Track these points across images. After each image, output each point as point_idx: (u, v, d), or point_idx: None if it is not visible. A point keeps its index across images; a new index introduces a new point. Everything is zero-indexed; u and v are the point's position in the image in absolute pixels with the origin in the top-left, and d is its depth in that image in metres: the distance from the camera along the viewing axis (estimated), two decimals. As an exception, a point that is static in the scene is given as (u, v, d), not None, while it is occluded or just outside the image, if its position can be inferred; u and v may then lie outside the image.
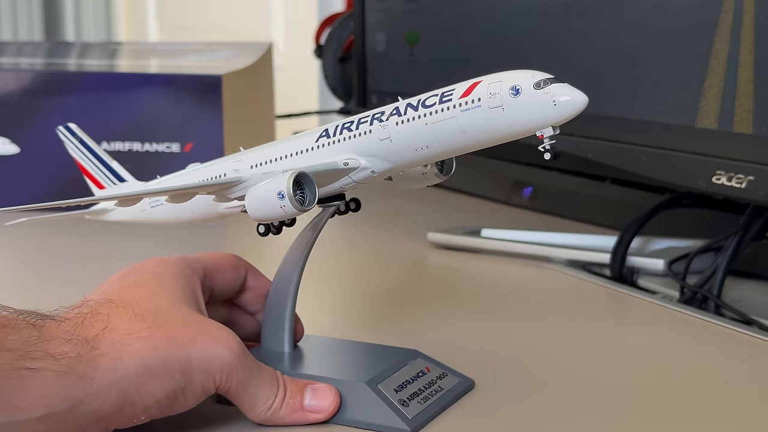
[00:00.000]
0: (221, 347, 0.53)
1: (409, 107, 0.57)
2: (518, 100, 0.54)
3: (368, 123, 0.58)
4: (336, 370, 0.61)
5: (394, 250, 1.00)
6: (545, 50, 0.94)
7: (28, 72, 1.12)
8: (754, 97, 0.76)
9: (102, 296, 0.55)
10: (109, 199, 0.67)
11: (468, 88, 0.55)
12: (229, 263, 0.63)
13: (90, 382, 0.49)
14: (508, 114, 0.54)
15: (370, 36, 1.15)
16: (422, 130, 0.56)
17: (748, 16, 0.77)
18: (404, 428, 0.56)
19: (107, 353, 0.50)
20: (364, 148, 0.58)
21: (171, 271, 0.59)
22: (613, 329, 0.79)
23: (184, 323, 0.54)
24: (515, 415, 0.60)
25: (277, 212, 0.57)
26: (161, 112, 1.08)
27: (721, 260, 0.82)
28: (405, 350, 0.63)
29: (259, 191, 0.58)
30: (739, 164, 0.77)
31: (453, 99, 0.56)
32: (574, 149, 0.91)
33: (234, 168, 0.63)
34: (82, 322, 0.51)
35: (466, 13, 1.03)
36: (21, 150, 1.08)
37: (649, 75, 0.85)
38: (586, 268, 0.92)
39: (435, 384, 0.61)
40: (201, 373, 0.53)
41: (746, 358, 0.71)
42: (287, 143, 0.62)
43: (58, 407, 0.48)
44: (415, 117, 0.57)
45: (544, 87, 0.54)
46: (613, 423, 0.59)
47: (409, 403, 0.58)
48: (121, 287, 0.57)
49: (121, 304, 0.54)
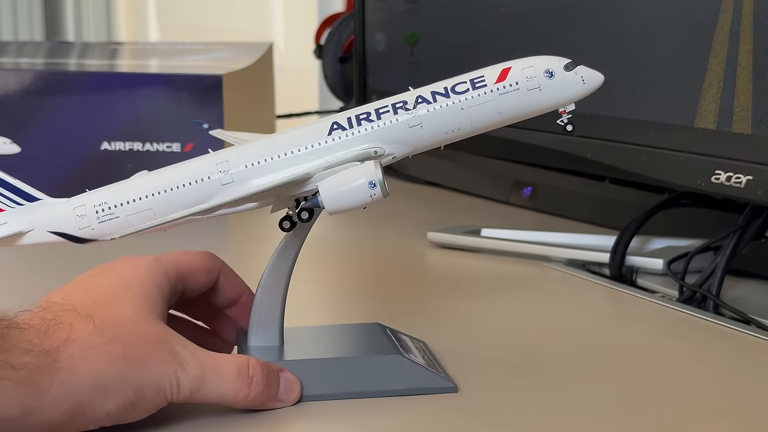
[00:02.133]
0: (170, 366, 0.55)
1: (437, 95, 0.61)
2: (553, 81, 0.63)
3: (391, 112, 0.61)
4: (355, 349, 0.64)
5: (394, 249, 1.00)
6: (544, 51, 0.94)
7: (29, 72, 1.12)
8: (753, 97, 0.76)
9: (66, 300, 0.56)
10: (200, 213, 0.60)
11: (501, 74, 0.62)
12: (203, 265, 0.63)
13: (45, 393, 0.51)
14: (544, 94, 0.63)
15: (370, 36, 1.15)
16: (458, 115, 0.61)
17: (747, 16, 0.77)
18: (451, 385, 0.62)
19: (65, 366, 0.52)
20: (390, 136, 0.61)
21: (140, 274, 0.59)
22: (612, 328, 0.80)
23: (140, 339, 0.55)
24: (515, 414, 0.60)
25: (366, 201, 0.59)
26: (162, 111, 1.09)
27: (720, 259, 0.82)
28: (371, 324, 0.67)
29: (341, 183, 0.59)
30: (737, 164, 0.77)
31: (488, 84, 0.62)
32: (573, 149, 0.91)
33: (220, 169, 0.61)
34: (45, 331, 0.53)
35: (466, 13, 1.03)
36: (21, 150, 1.09)
37: (648, 75, 0.85)
38: (586, 267, 0.92)
39: (425, 350, 0.66)
40: (152, 391, 0.54)
41: (745, 357, 0.71)
42: (288, 138, 0.62)
43: (12, 414, 0.50)
44: (449, 103, 0.61)
45: (573, 69, 0.64)
46: (612, 422, 0.59)
47: (435, 365, 0.63)
48: (86, 289, 0.58)
49: (83, 314, 0.55)
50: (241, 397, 0.57)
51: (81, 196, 0.62)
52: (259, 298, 0.63)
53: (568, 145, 0.91)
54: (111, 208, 0.61)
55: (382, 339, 0.65)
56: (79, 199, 0.62)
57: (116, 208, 0.61)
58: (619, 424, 0.59)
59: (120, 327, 0.55)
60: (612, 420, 0.59)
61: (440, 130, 0.62)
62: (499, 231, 1.00)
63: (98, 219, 0.61)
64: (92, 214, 0.61)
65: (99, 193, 0.62)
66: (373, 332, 0.66)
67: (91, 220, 0.61)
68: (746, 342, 0.73)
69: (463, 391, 0.62)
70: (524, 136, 0.96)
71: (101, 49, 1.58)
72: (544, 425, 0.59)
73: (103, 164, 1.08)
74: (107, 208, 0.61)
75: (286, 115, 1.56)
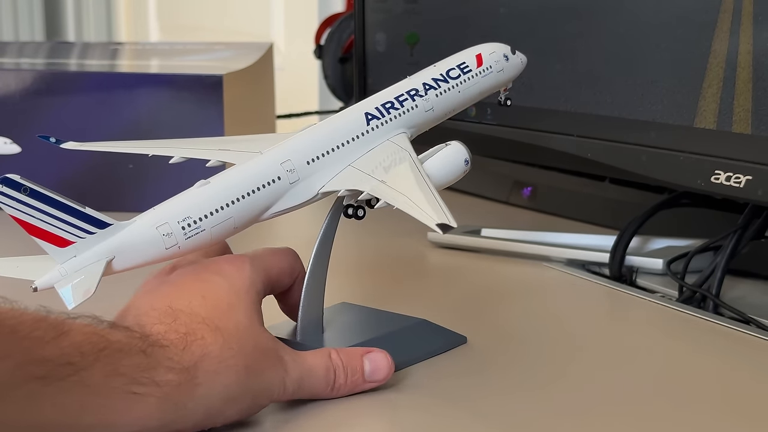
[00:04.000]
0: (280, 373, 0.58)
1: (439, 81, 0.69)
2: (508, 63, 0.73)
3: (410, 99, 0.68)
4: (381, 328, 0.68)
5: (394, 249, 1.00)
6: (544, 51, 0.94)
7: (29, 72, 1.12)
8: (752, 97, 0.77)
9: (191, 309, 0.56)
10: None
11: (477, 59, 0.72)
12: (289, 268, 0.64)
13: (184, 407, 0.53)
14: (504, 74, 0.73)
15: (370, 36, 1.15)
16: (456, 97, 0.70)
17: (746, 16, 0.77)
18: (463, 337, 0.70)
19: (202, 382, 0.54)
20: (411, 122, 0.68)
21: (245, 280, 0.60)
22: (612, 328, 0.80)
23: (256, 350, 0.57)
24: (514, 413, 0.60)
25: (459, 176, 0.65)
26: (162, 112, 1.09)
27: (719, 259, 0.82)
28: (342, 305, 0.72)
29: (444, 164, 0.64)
30: (737, 164, 0.78)
31: (472, 69, 0.71)
32: (573, 149, 0.91)
33: (287, 168, 0.62)
34: (184, 348, 0.54)
35: (466, 13, 1.03)
36: (22, 150, 1.09)
37: (648, 75, 0.85)
38: (586, 267, 0.92)
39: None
40: (264, 396, 0.57)
41: (745, 357, 0.71)
42: (328, 132, 0.64)
43: (152, 426, 0.52)
44: (449, 87, 0.70)
45: (515, 53, 0.74)
46: (612, 422, 0.59)
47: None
48: (203, 296, 0.57)
49: (212, 326, 0.56)
50: (329, 391, 0.60)
51: (151, 214, 0.58)
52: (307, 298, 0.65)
53: (568, 145, 0.92)
54: (196, 222, 0.58)
55: (384, 315, 0.69)
56: (153, 218, 0.58)
57: (201, 222, 0.58)
58: (618, 424, 0.59)
59: (242, 338, 0.56)
60: (612, 419, 0.59)
61: (444, 112, 0.70)
62: (499, 231, 1.00)
63: (185, 235, 0.58)
64: (179, 231, 0.58)
65: (174, 208, 0.59)
66: (360, 311, 0.71)
67: (178, 237, 0.58)
68: (746, 342, 0.73)
69: (462, 389, 0.63)
70: (524, 136, 0.96)
71: (101, 49, 1.58)
72: (543, 425, 0.59)
73: (103, 164, 1.08)
74: (192, 223, 0.58)
75: (286, 115, 1.56)
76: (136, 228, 0.57)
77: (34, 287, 0.55)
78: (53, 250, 0.55)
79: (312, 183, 0.63)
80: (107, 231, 0.56)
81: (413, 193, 0.60)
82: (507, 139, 0.98)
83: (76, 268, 0.55)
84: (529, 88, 0.95)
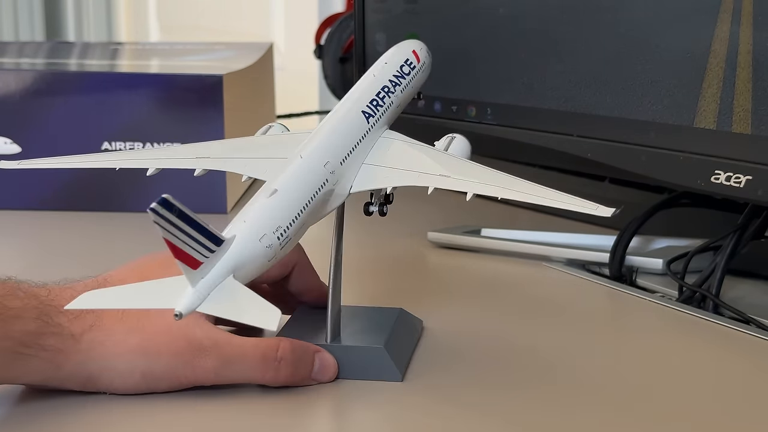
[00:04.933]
0: (185, 356, 0.60)
1: (398, 77, 0.72)
2: (430, 59, 0.77)
3: (387, 96, 0.70)
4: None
5: (394, 249, 1.00)
6: (544, 50, 0.94)
7: (29, 72, 1.12)
8: (752, 97, 0.77)
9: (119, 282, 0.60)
10: None
11: (414, 55, 0.75)
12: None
13: (63, 369, 0.59)
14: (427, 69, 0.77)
15: (370, 36, 1.15)
16: (408, 93, 0.73)
17: (746, 16, 0.77)
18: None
19: (84, 349, 0.59)
20: (389, 118, 0.70)
21: None
22: (611, 328, 0.80)
23: (159, 333, 0.60)
24: (514, 413, 0.60)
25: None
26: (162, 112, 1.09)
27: (719, 259, 0.82)
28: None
29: (465, 153, 0.69)
30: (737, 164, 0.78)
31: (416, 66, 0.74)
32: (573, 149, 0.91)
33: (330, 170, 0.62)
34: (77, 315, 0.60)
35: (465, 13, 1.03)
36: (22, 150, 1.09)
37: (648, 75, 0.85)
38: (586, 267, 0.93)
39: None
40: (164, 376, 0.60)
41: (745, 357, 0.71)
42: (341, 132, 0.65)
43: (35, 380, 0.60)
44: (407, 83, 0.72)
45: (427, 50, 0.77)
46: (611, 422, 0.59)
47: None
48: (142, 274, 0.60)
49: None
50: (269, 378, 0.61)
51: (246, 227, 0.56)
52: (333, 301, 0.65)
53: (568, 145, 0.92)
54: (285, 230, 0.57)
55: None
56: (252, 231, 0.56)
57: (288, 230, 0.58)
58: (618, 423, 0.59)
59: (145, 319, 0.60)
60: (611, 419, 0.59)
61: (402, 107, 0.72)
62: (499, 231, 1.00)
63: (280, 245, 0.57)
64: (275, 242, 0.57)
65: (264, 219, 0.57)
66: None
67: (275, 248, 0.57)
68: (746, 342, 0.73)
69: (463, 389, 0.63)
70: (524, 136, 0.96)
71: (101, 49, 1.58)
72: (544, 424, 0.59)
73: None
74: (283, 232, 0.57)
75: (286, 115, 1.56)
76: (244, 243, 0.56)
77: (177, 314, 0.52)
78: (189, 271, 0.53)
79: (344, 184, 0.63)
80: (221, 248, 0.55)
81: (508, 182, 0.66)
82: (507, 139, 0.98)
83: (208, 289, 0.54)
84: (529, 88, 0.95)
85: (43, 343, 0.58)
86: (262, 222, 0.57)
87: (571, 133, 0.92)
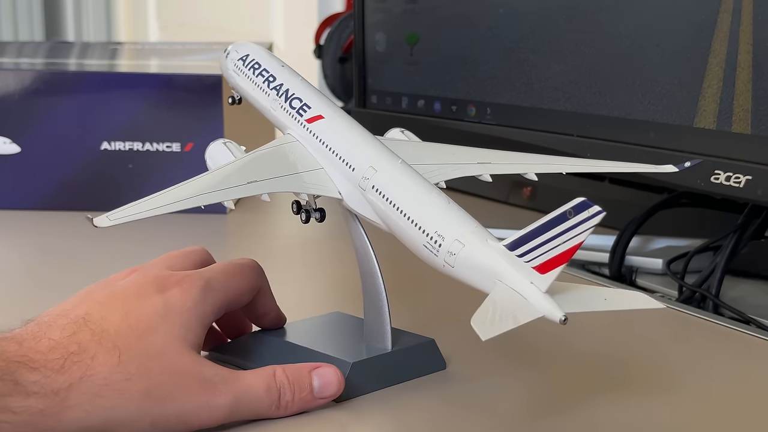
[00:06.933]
0: (199, 397, 0.55)
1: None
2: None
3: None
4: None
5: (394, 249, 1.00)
6: (543, 50, 0.94)
7: (29, 72, 1.12)
8: (752, 97, 0.77)
9: (101, 323, 0.55)
10: None
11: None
12: (249, 285, 0.63)
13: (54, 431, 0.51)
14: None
15: (370, 36, 1.15)
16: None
17: (746, 16, 0.77)
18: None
19: (76, 405, 0.52)
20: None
21: (185, 302, 0.58)
22: (610, 328, 0.80)
23: (164, 373, 0.55)
24: (513, 412, 0.60)
25: None
26: (161, 111, 1.09)
27: (719, 259, 0.82)
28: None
29: None
30: (737, 164, 0.78)
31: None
32: (573, 149, 0.91)
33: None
34: (59, 368, 0.52)
35: (465, 13, 1.03)
36: (21, 150, 1.09)
37: (648, 75, 0.85)
38: (585, 267, 0.92)
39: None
40: (177, 422, 0.55)
41: (745, 357, 0.71)
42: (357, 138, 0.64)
43: None
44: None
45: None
46: (612, 421, 0.59)
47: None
48: (126, 312, 0.56)
49: (110, 344, 0.54)
50: (275, 410, 0.57)
51: (478, 233, 0.58)
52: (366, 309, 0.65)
53: (568, 145, 0.92)
54: (433, 236, 0.57)
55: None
56: (485, 234, 0.58)
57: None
58: (618, 423, 0.59)
59: (147, 361, 0.55)
60: (611, 419, 0.59)
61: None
62: (499, 231, 0.99)
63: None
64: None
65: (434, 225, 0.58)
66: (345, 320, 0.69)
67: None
68: (746, 342, 0.73)
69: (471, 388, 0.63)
70: (524, 136, 0.96)
71: (101, 49, 1.58)
72: (543, 424, 0.59)
73: (103, 164, 1.08)
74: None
75: (286, 115, 1.55)
76: (496, 248, 0.56)
77: (564, 318, 0.52)
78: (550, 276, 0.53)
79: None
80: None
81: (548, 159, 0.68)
82: (507, 139, 0.98)
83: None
84: (529, 88, 0.95)
85: (13, 405, 0.50)
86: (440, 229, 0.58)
87: (571, 133, 0.92)
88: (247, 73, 0.72)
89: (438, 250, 0.56)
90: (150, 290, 0.58)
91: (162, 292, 0.58)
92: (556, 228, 0.52)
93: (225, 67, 0.74)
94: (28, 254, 0.99)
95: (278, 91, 0.69)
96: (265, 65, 0.71)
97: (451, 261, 0.56)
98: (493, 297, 0.53)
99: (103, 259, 0.94)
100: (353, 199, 0.62)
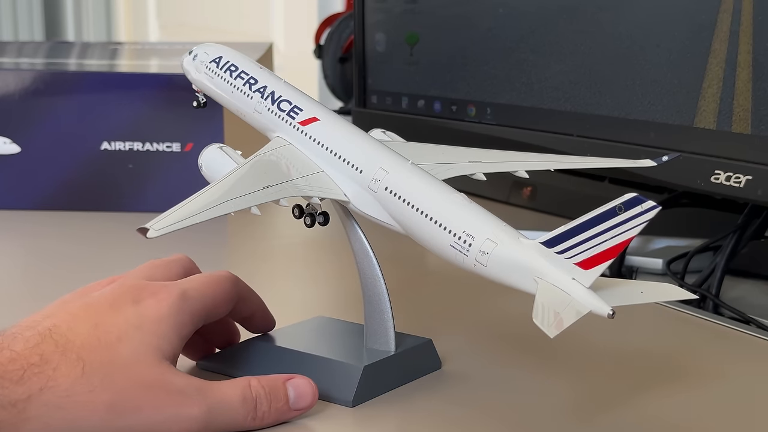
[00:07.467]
0: (169, 408, 0.54)
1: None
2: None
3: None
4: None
5: (394, 249, 1.00)
6: (543, 50, 0.94)
7: (29, 72, 1.12)
8: (752, 97, 0.77)
9: (67, 335, 0.54)
10: None
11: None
12: (227, 295, 0.61)
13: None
14: None
15: (370, 36, 1.15)
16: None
17: (746, 16, 0.77)
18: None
19: (35, 416, 0.51)
20: None
21: (160, 312, 0.57)
22: (611, 328, 0.79)
23: (132, 386, 0.54)
24: (513, 411, 0.60)
25: None
26: (161, 112, 1.09)
27: (719, 259, 0.82)
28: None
29: None
30: (737, 164, 0.78)
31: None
32: (573, 149, 0.91)
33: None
34: (18, 380, 0.51)
35: (465, 13, 1.03)
36: (22, 150, 1.09)
37: (648, 75, 0.85)
38: (585, 267, 0.92)
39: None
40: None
41: (745, 357, 0.71)
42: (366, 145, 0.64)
43: None
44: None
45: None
46: (612, 421, 0.59)
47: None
48: (96, 324, 0.55)
49: (75, 356, 0.53)
50: (251, 421, 0.56)
51: (508, 232, 0.57)
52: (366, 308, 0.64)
53: (568, 145, 0.92)
54: (461, 236, 0.57)
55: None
56: (516, 234, 0.57)
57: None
58: (618, 423, 0.59)
59: (113, 372, 0.53)
60: (612, 419, 0.59)
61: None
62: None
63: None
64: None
65: (461, 225, 0.58)
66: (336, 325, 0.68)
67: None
68: (746, 342, 0.73)
69: (470, 388, 0.63)
70: (524, 136, 0.96)
71: (101, 49, 1.58)
72: (543, 423, 0.59)
73: (103, 164, 1.08)
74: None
75: (286, 115, 1.55)
76: (531, 245, 0.56)
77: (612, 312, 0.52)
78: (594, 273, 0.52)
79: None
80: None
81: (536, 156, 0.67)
82: (507, 139, 0.98)
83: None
84: (529, 88, 0.95)
85: None
86: (474, 230, 0.58)
87: (571, 133, 0.92)
88: (223, 76, 0.70)
89: (468, 249, 0.55)
90: (125, 301, 0.57)
91: (137, 303, 0.57)
92: (604, 224, 0.52)
93: (192, 68, 0.72)
94: (29, 254, 0.99)
95: (263, 93, 0.68)
96: (243, 68, 0.70)
97: (484, 260, 0.55)
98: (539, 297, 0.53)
99: (104, 259, 0.95)
100: (362, 201, 0.61)
